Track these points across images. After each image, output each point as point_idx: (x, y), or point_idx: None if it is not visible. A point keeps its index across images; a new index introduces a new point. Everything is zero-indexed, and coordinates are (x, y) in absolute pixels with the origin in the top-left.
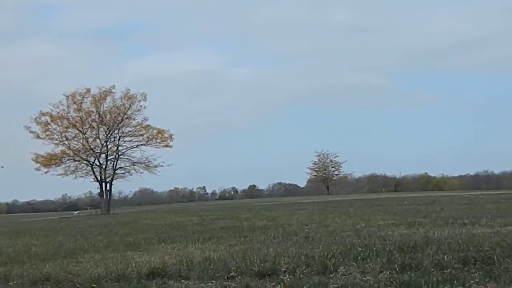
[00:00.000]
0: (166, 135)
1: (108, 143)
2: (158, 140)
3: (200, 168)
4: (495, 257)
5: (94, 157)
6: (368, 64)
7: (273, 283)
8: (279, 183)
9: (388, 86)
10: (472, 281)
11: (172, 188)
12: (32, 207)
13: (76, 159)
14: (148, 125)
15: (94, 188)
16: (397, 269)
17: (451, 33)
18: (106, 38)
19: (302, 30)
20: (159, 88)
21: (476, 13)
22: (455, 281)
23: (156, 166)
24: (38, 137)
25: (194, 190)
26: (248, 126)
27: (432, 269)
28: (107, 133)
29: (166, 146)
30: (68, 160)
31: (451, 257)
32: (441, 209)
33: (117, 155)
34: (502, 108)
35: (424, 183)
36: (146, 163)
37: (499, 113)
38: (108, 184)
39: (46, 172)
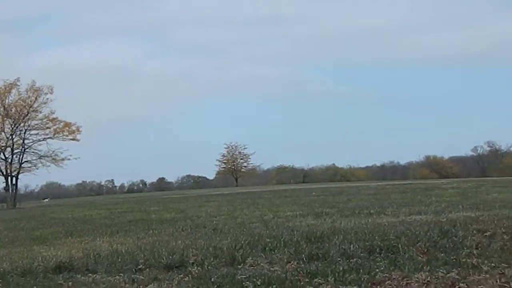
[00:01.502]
0: (73, 128)
1: (13, 136)
2: (65, 133)
3: (108, 161)
4: (400, 246)
5: None
6: (277, 56)
7: (181, 275)
8: (188, 176)
9: (297, 78)
10: (377, 270)
11: (80, 182)
12: None
13: None
14: (55, 118)
15: None
16: (305, 259)
17: (358, 25)
18: (12, 29)
19: (213, 22)
20: (68, 80)
21: (382, 6)
22: (361, 270)
23: (63, 160)
24: None
25: (102, 183)
26: (158, 119)
27: (339, 259)
28: (12, 126)
29: (74, 139)
30: None
31: (357, 247)
32: (348, 200)
33: (23, 149)
34: (407, 100)
35: (332, 174)
36: (53, 157)
37: (404, 105)
38: (14, 178)
39: None
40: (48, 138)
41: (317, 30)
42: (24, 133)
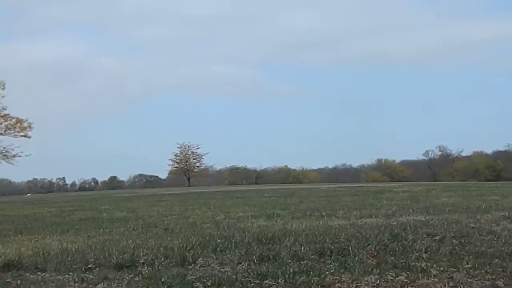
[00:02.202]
0: (25, 124)
1: None
2: (17, 130)
3: (60, 159)
4: (350, 249)
5: None
6: (232, 56)
7: (132, 275)
8: (140, 175)
9: (253, 78)
10: (327, 272)
11: (31, 179)
12: None
13: None
14: (7, 114)
15: None
16: (255, 260)
17: (314, 27)
18: None
19: (168, 20)
20: (18, 76)
21: (337, 9)
22: (311, 272)
23: (14, 156)
24: None
25: (54, 181)
26: (111, 117)
27: (289, 260)
28: None
29: (25, 136)
30: None
31: (308, 249)
32: (300, 202)
33: None
34: (361, 103)
35: (284, 175)
36: (4, 153)
37: (357, 108)
38: None
39: None
40: None
41: (269, 30)
42: None
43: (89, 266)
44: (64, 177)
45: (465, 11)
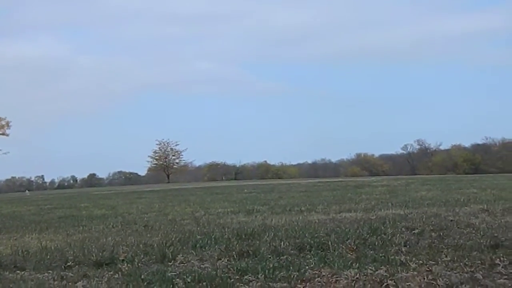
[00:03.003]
0: (2, 122)
1: None
2: None
3: (38, 157)
4: (329, 243)
5: None
6: (215, 53)
7: (111, 272)
8: (120, 172)
9: (234, 75)
10: (307, 267)
11: (9, 177)
12: None
13: None
14: None
15: None
16: (235, 256)
17: (297, 24)
18: None
19: (151, 18)
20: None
21: (320, 5)
22: (291, 267)
23: None
24: None
25: (32, 179)
26: (91, 115)
27: (269, 256)
28: None
29: (3, 134)
30: None
31: (287, 244)
32: (280, 197)
33: None
34: (339, 98)
35: (264, 171)
36: None
37: (336, 102)
38: None
39: None
40: None
41: (252, 26)
42: None
43: (69, 264)
44: (43, 175)
45: (444, 6)
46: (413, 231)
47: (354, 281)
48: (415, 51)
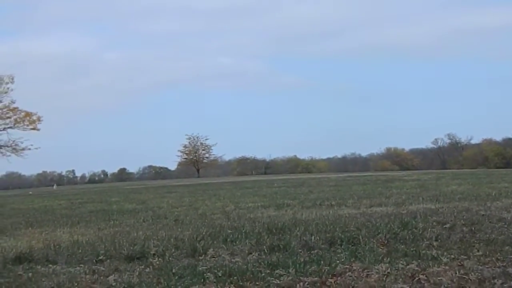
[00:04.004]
0: (34, 117)
1: None
2: (26, 123)
3: (69, 151)
4: (360, 238)
5: None
6: (238, 47)
7: (142, 266)
8: (150, 166)
9: (259, 69)
10: (338, 261)
11: (41, 172)
12: None
13: None
14: (16, 108)
15: None
16: (266, 250)
17: (318, 18)
18: None
19: (174, 13)
20: (29, 69)
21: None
22: (322, 261)
23: (23, 149)
24: None
25: (63, 173)
26: (120, 109)
27: (300, 250)
28: None
29: (34, 128)
30: None
31: (318, 238)
32: (310, 191)
33: None
34: (369, 92)
35: (294, 165)
36: (13, 146)
37: (367, 97)
38: None
39: None
40: (9, 127)
41: (274, 21)
42: None
43: (100, 258)
44: (73, 170)
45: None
46: (444, 226)
47: (385, 276)
48: (444, 45)
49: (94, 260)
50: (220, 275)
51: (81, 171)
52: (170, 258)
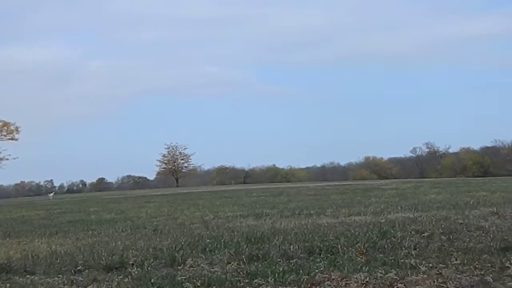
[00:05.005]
0: (12, 127)
1: None
2: (3, 133)
3: (47, 161)
4: (339, 247)
5: None
6: (222, 57)
7: (121, 276)
8: (128, 176)
9: (244, 78)
10: (317, 270)
11: (18, 182)
12: None
13: None
14: None
15: None
16: (245, 260)
17: (302, 28)
18: None
19: (159, 22)
20: (9, 79)
21: (325, 9)
22: (301, 271)
23: (1, 159)
24: None
25: (41, 183)
26: (100, 119)
27: (279, 259)
28: None
29: (12, 139)
30: None
31: (297, 247)
32: (289, 200)
33: None
34: (347, 101)
35: (273, 174)
36: None
37: (345, 106)
38: None
39: None
40: None
41: (259, 30)
42: None
43: (79, 268)
44: (52, 180)
45: (453, 9)
46: (423, 234)
47: (364, 285)
48: (422, 54)
49: (72, 271)
50: (198, 284)
51: (59, 181)
52: (148, 268)
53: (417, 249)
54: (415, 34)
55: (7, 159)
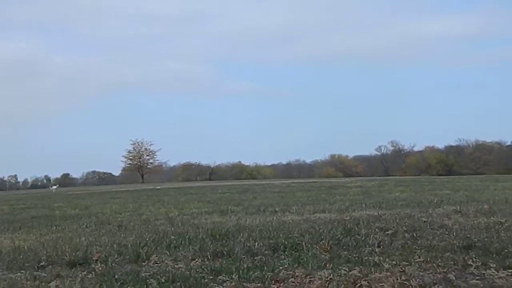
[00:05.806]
0: None
1: None
2: None
3: (11, 156)
4: (303, 244)
5: None
6: (189, 53)
7: (85, 272)
8: (93, 172)
9: (209, 75)
10: (281, 267)
11: None
12: None
13: None
14: None
15: None
16: (209, 256)
17: (273, 25)
18: None
19: (124, 17)
20: None
21: (292, 6)
22: (265, 267)
23: None
24: None
25: (5, 178)
26: (65, 114)
27: (243, 256)
28: None
29: None
30: None
31: (261, 244)
32: (254, 197)
33: None
34: (314, 99)
35: (238, 171)
36: None
37: (311, 105)
38: None
39: None
40: None
41: (225, 27)
42: None
43: (42, 264)
44: (16, 175)
45: (422, 8)
46: (387, 232)
47: (328, 282)
48: (390, 54)
49: (35, 266)
50: (163, 281)
51: (23, 176)
52: (112, 264)
53: (381, 247)
54: (385, 33)
55: None
